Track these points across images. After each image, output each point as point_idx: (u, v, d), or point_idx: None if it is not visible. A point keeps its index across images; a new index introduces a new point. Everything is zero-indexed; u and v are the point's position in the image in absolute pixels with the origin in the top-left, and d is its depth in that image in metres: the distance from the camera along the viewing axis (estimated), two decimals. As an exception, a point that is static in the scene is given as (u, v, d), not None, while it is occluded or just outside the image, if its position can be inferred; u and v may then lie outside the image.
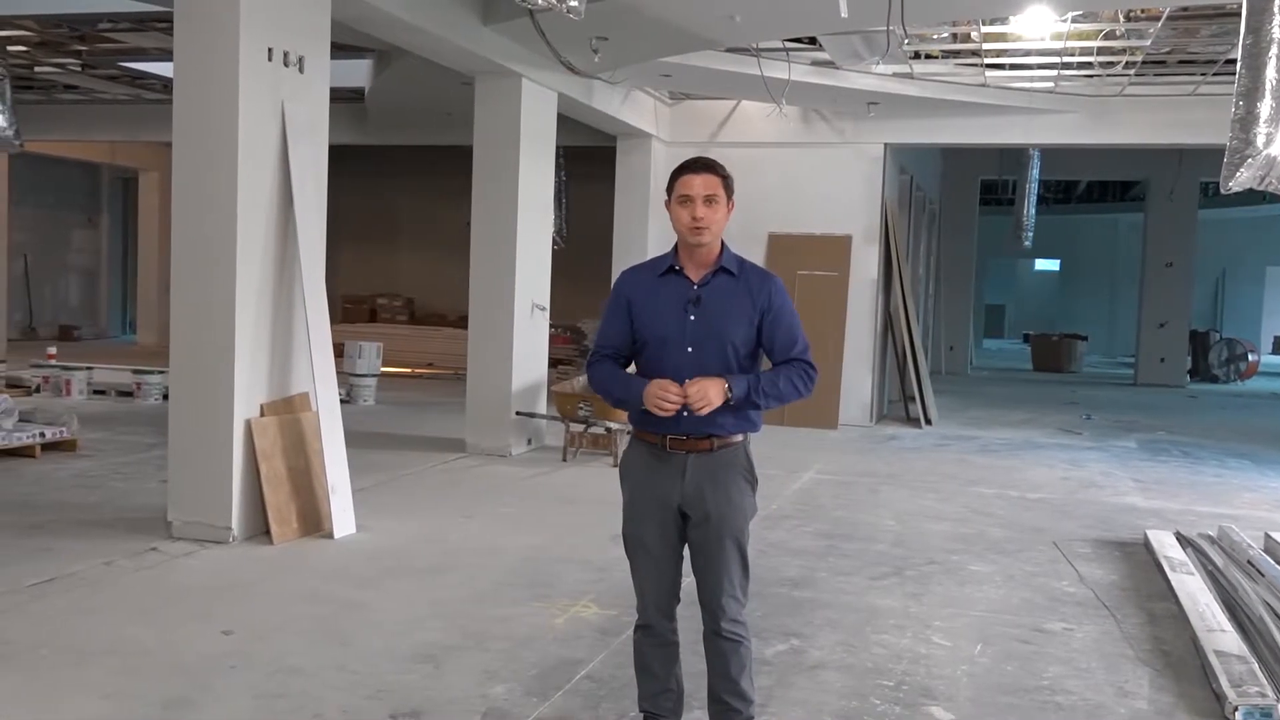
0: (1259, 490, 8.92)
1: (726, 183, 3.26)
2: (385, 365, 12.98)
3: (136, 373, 11.98)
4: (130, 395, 11.71)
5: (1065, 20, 8.80)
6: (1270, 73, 5.20)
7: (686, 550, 3.35)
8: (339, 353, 9.48)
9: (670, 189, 3.26)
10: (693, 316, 3.23)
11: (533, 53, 8.74)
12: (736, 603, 3.27)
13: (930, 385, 12.83)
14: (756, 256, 11.85)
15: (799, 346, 3.28)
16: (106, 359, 13.96)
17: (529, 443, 9.50)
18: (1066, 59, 10.12)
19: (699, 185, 3.20)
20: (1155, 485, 8.96)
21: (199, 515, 5.95)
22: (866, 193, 12.09)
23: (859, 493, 8.21)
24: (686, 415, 3.13)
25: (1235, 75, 5.49)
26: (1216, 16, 8.55)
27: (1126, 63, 10.30)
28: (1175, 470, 9.78)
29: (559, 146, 10.35)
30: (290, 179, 6.16)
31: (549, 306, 9.83)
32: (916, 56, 10.46)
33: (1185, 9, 8.32)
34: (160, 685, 3.93)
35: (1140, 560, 6.35)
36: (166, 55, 9.30)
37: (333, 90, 6.68)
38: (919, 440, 11.24)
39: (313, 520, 6.22)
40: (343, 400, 7.24)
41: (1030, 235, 18.63)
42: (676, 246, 3.32)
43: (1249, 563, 5.68)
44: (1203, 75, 10.54)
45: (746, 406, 3.21)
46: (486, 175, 9.17)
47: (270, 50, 5.96)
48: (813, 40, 9.57)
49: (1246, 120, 5.32)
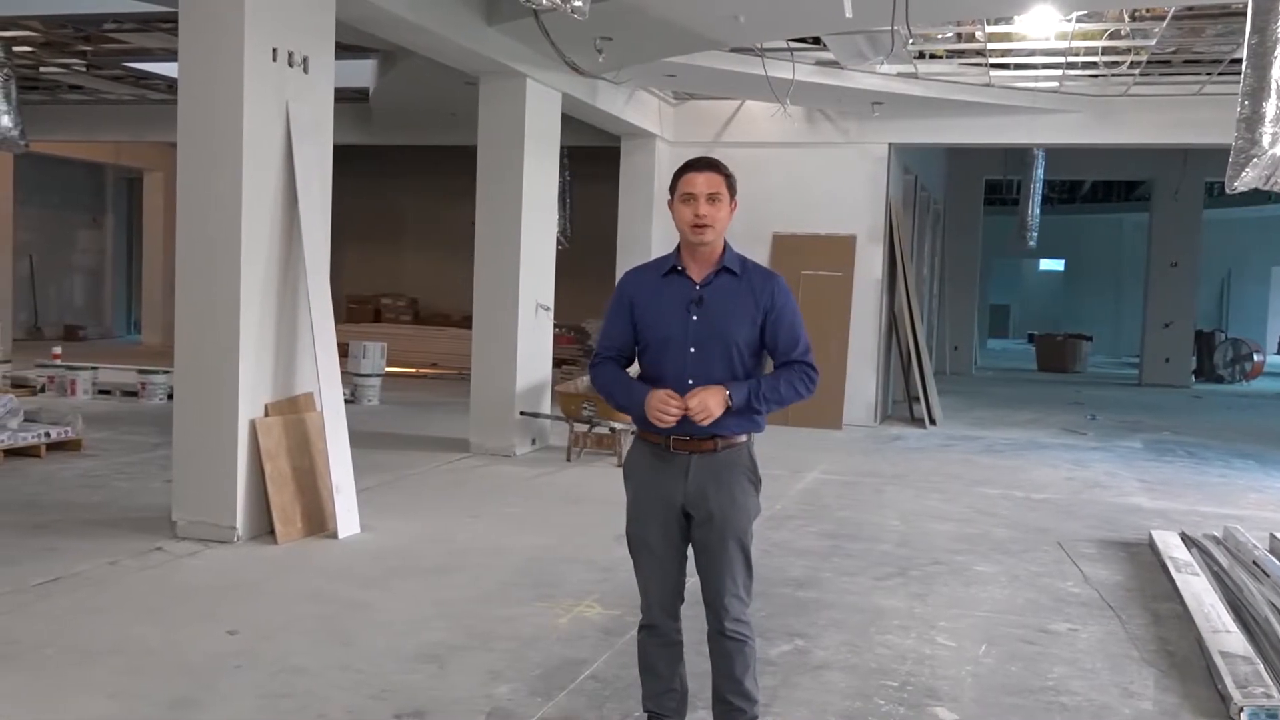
0: (1264, 490, 8.91)
1: (729, 182, 3.25)
2: (389, 365, 12.99)
3: (141, 372, 12.00)
4: (135, 395, 11.74)
5: (1070, 20, 8.79)
6: (1275, 72, 5.20)
7: (690, 550, 3.35)
8: (343, 353, 9.52)
9: (673, 188, 3.26)
10: (695, 317, 3.22)
11: (537, 53, 8.75)
12: (740, 602, 3.27)
13: (935, 385, 12.82)
14: (761, 256, 11.83)
15: (800, 348, 3.27)
16: (111, 359, 13.98)
17: (533, 443, 9.51)
18: (1071, 59, 10.11)
19: (702, 184, 3.20)
20: (1160, 486, 8.95)
21: (204, 515, 5.96)
22: (871, 193, 12.08)
23: (863, 493, 8.21)
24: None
25: (1240, 75, 5.48)
26: (1222, 16, 8.53)
27: (1131, 62, 10.29)
28: (1180, 471, 9.76)
29: (563, 146, 10.34)
30: (295, 179, 6.16)
31: (553, 306, 9.84)
32: (921, 56, 10.46)
33: (1190, 8, 8.31)
34: (165, 685, 3.94)
35: (1145, 561, 6.34)
36: (171, 55, 9.32)
37: (337, 90, 6.69)
38: (923, 440, 11.23)
39: (317, 520, 6.23)
40: (347, 400, 7.25)
41: (1035, 235, 18.59)
42: (679, 247, 3.31)
43: (1254, 563, 5.67)
44: (1208, 75, 10.52)
45: (747, 413, 3.22)
46: (491, 175, 9.17)
47: (275, 50, 5.96)
48: (817, 40, 9.57)
49: (1252, 120, 5.32)
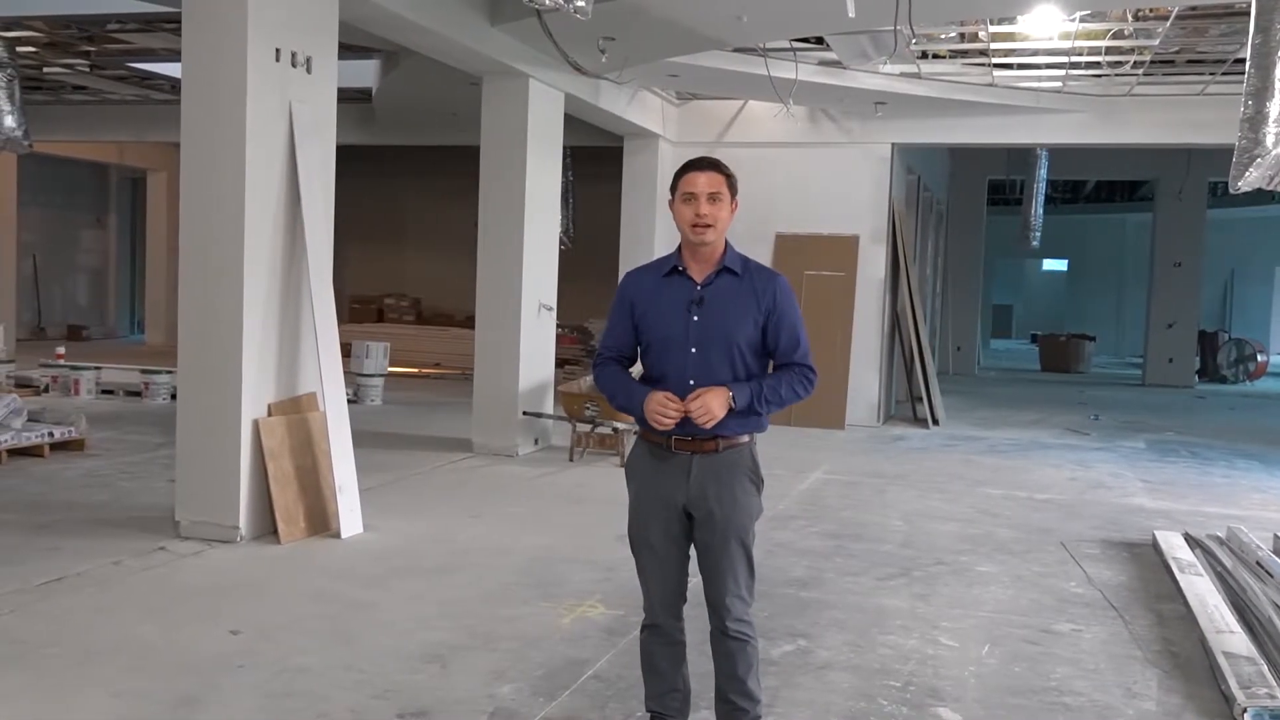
0: (1268, 491, 8.89)
1: (730, 181, 3.25)
2: (392, 365, 12.99)
3: (144, 372, 12.02)
4: (138, 395, 11.75)
5: (1073, 20, 8.77)
6: (1279, 72, 5.19)
7: (693, 550, 3.35)
8: (346, 352, 9.48)
9: (674, 188, 3.26)
10: (696, 317, 3.22)
11: (540, 53, 8.75)
12: (742, 602, 3.27)
13: (937, 385, 12.82)
14: (763, 256, 11.83)
15: (800, 350, 3.27)
16: (115, 359, 14.00)
17: (536, 443, 9.51)
18: (1075, 58, 10.09)
19: (703, 183, 3.20)
20: (1163, 486, 8.94)
21: (207, 515, 5.97)
22: (874, 193, 12.08)
23: (866, 493, 8.20)
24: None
25: (1244, 74, 5.47)
26: (1225, 15, 8.52)
27: (1135, 62, 10.27)
28: (1184, 471, 9.75)
29: (566, 146, 10.35)
30: (298, 179, 6.17)
31: (556, 306, 9.84)
32: (924, 56, 10.45)
33: (1194, 8, 8.29)
34: (168, 684, 3.94)
35: (1148, 561, 6.34)
36: (174, 56, 9.35)
37: (340, 90, 6.70)
38: (926, 441, 11.22)
39: (320, 520, 6.23)
40: (350, 400, 7.27)
41: (1038, 235, 18.55)
42: (680, 247, 3.31)
43: (1258, 564, 5.66)
44: (1211, 75, 10.50)
45: (749, 414, 3.21)
46: (494, 175, 9.17)
47: (278, 51, 5.97)
48: (820, 40, 9.56)
49: (1255, 120, 5.31)
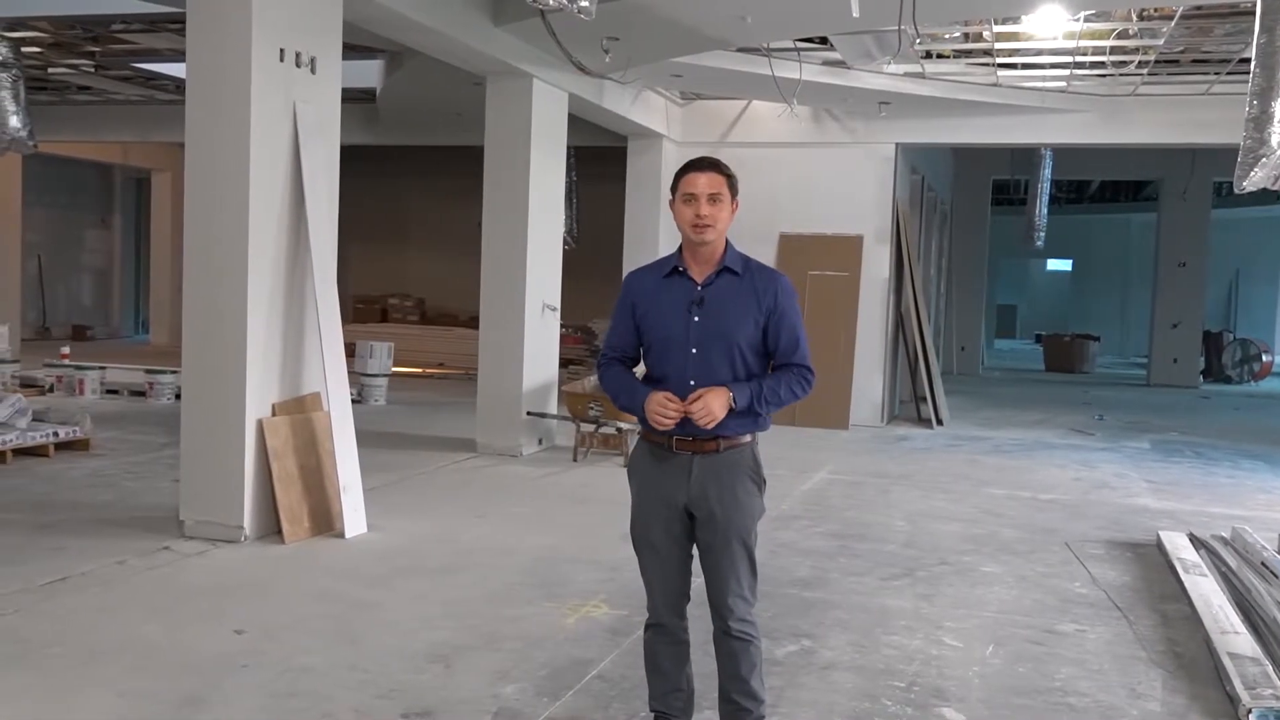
0: (1273, 491, 8.87)
1: (731, 182, 3.25)
2: (396, 365, 13.01)
3: (149, 372, 12.04)
4: (143, 395, 11.76)
5: (1078, 19, 8.76)
6: (1284, 72, 5.18)
7: (696, 550, 3.35)
8: (350, 352, 9.51)
9: (674, 188, 3.26)
10: (696, 318, 3.22)
11: (544, 53, 8.75)
12: (745, 602, 3.27)
13: (941, 386, 12.81)
14: (767, 256, 11.83)
15: (799, 351, 3.27)
16: (119, 359, 14.03)
17: (540, 443, 9.51)
18: (1079, 58, 10.08)
19: (703, 184, 3.20)
20: (1168, 486, 8.92)
21: (211, 514, 5.98)
22: (878, 193, 12.07)
23: (870, 493, 8.20)
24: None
25: (1249, 74, 5.47)
26: (1230, 15, 8.51)
27: (1139, 62, 10.26)
28: (1188, 471, 9.74)
29: (570, 146, 10.35)
30: (302, 179, 6.17)
31: (560, 306, 9.84)
32: (928, 56, 10.44)
33: (1199, 8, 8.28)
34: (172, 684, 3.94)
35: (1153, 562, 6.33)
36: (179, 56, 9.35)
37: (344, 91, 6.71)
38: (930, 441, 11.21)
39: (324, 520, 6.24)
40: (354, 400, 7.27)
41: (1042, 235, 18.55)
42: (681, 247, 3.31)
43: (1263, 564, 5.65)
44: (1216, 74, 10.48)
45: (749, 414, 3.21)
46: (497, 176, 9.18)
47: (282, 51, 5.98)
48: (824, 40, 9.56)
49: (1260, 119, 5.31)
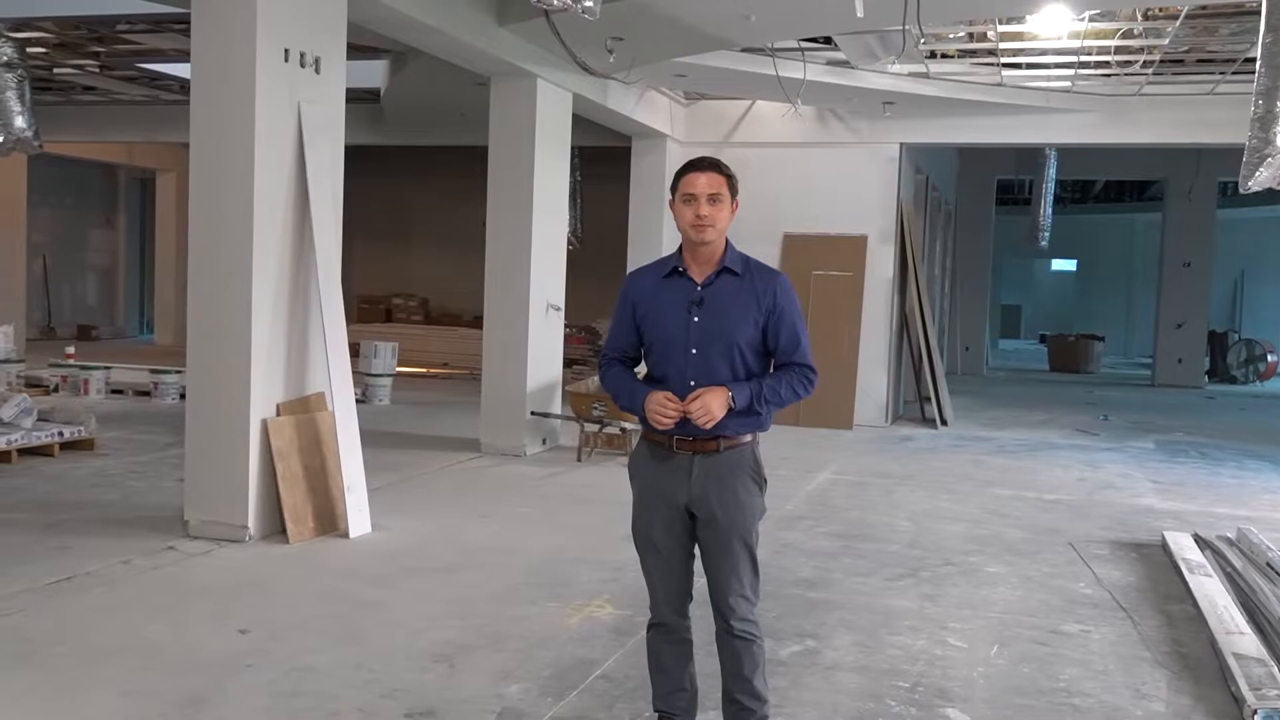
0: (1278, 492, 8.85)
1: (731, 182, 3.25)
2: (400, 365, 13.01)
3: (154, 372, 12.06)
4: (147, 394, 11.78)
5: (1083, 19, 8.75)
6: (1290, 71, 5.18)
7: (698, 549, 3.35)
8: (355, 352, 9.53)
9: (674, 188, 3.26)
10: (696, 318, 3.22)
11: (548, 53, 8.75)
12: (747, 602, 3.27)
13: (946, 386, 12.78)
14: (771, 256, 11.83)
15: (800, 350, 3.27)
16: (124, 358, 14.05)
17: (544, 443, 9.51)
18: (1084, 58, 10.06)
19: (703, 184, 3.20)
20: (1173, 487, 8.91)
21: (216, 514, 5.98)
22: (882, 193, 12.06)
23: (874, 494, 8.19)
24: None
25: (1255, 74, 5.46)
26: (1236, 15, 8.48)
27: (1144, 61, 10.24)
28: (1193, 472, 9.72)
29: (574, 147, 10.35)
30: (306, 179, 6.18)
31: (564, 306, 9.84)
32: (932, 56, 10.42)
33: (1204, 7, 8.26)
34: (177, 683, 3.95)
35: (1158, 562, 6.32)
36: (184, 56, 9.36)
37: (348, 91, 6.71)
38: (935, 441, 11.20)
39: (328, 519, 6.24)
40: (358, 400, 7.27)
41: (1047, 235, 18.53)
42: (681, 247, 3.31)
43: (1268, 565, 5.64)
44: (1221, 74, 10.46)
45: (749, 413, 3.21)
46: (502, 176, 9.18)
47: (287, 51, 5.98)
48: (828, 40, 9.55)
49: (1266, 119, 5.30)
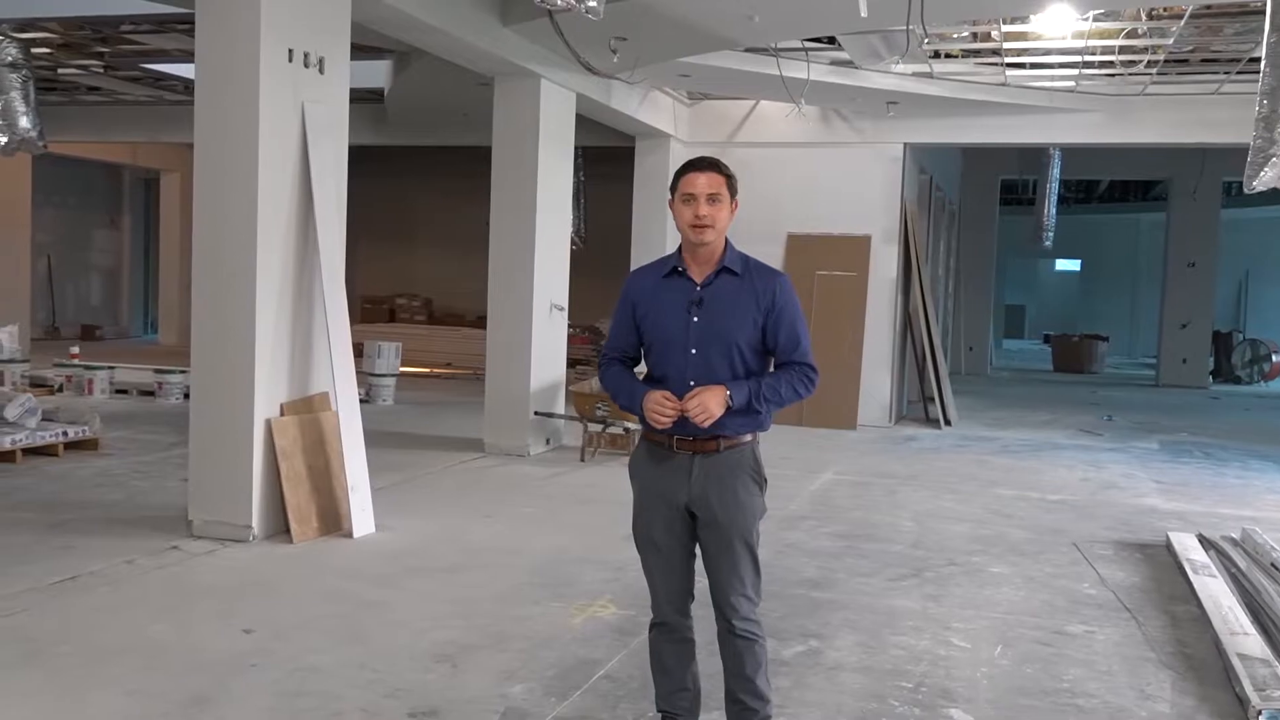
0: (1283, 492, 8.85)
1: (730, 182, 3.25)
2: (404, 365, 13.02)
3: (158, 372, 12.07)
4: (152, 394, 11.80)
5: (1086, 19, 8.74)
6: (1295, 71, 5.17)
7: (699, 549, 3.35)
8: (358, 352, 9.53)
9: (673, 188, 3.26)
10: (695, 318, 3.22)
11: (551, 53, 8.76)
12: (749, 602, 3.27)
13: (949, 386, 12.77)
14: (775, 256, 11.83)
15: (800, 349, 3.26)
16: (128, 358, 14.07)
17: (547, 443, 9.52)
18: (1088, 58, 10.05)
19: (702, 183, 3.20)
20: (1177, 487, 8.89)
21: (219, 514, 5.99)
22: (886, 193, 12.05)
23: (877, 494, 8.19)
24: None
25: (1259, 73, 5.45)
26: (1240, 14, 8.48)
27: (1148, 61, 10.23)
28: (1197, 472, 9.70)
29: (577, 147, 10.35)
30: (310, 179, 6.18)
31: (567, 306, 9.85)
32: (936, 56, 10.42)
33: (1208, 7, 8.25)
34: (181, 683, 3.96)
35: (1162, 562, 6.31)
36: (188, 57, 9.36)
37: (352, 91, 6.72)
38: (938, 441, 11.19)
39: (332, 519, 6.25)
40: (362, 400, 7.26)
41: (1051, 235, 18.49)
42: (680, 247, 3.32)
43: (1272, 565, 5.63)
44: (1226, 74, 10.44)
45: (748, 413, 3.21)
46: (505, 176, 9.19)
47: (291, 51, 5.99)
48: (832, 40, 9.54)
49: (1271, 119, 5.29)
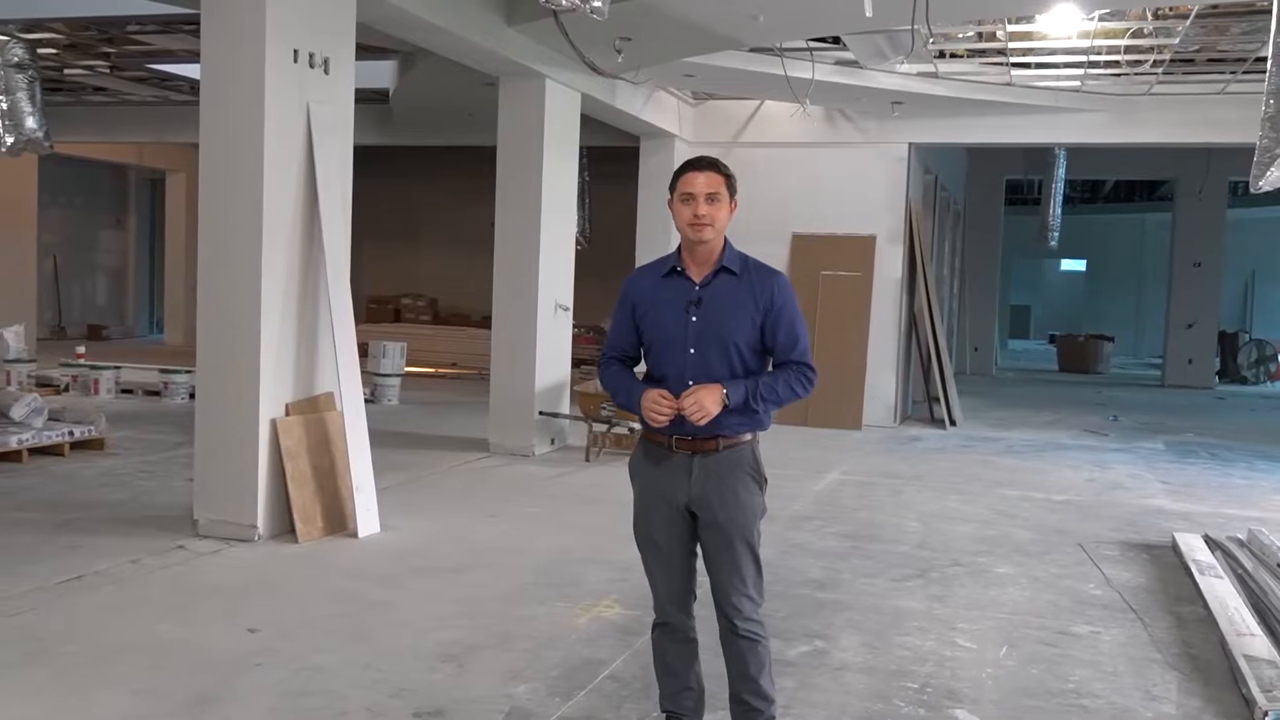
0: (1289, 493, 8.83)
1: (729, 181, 3.26)
2: (409, 365, 13.03)
3: (163, 372, 12.10)
4: (157, 394, 11.82)
5: (1092, 19, 8.72)
6: (1301, 71, 5.16)
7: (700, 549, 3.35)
8: (363, 352, 9.52)
9: (673, 187, 3.27)
10: (694, 318, 3.22)
11: (556, 53, 8.76)
12: (751, 602, 3.27)
13: (954, 386, 12.77)
14: (779, 257, 11.82)
15: (799, 348, 3.26)
16: (134, 358, 14.11)
17: (552, 442, 9.52)
18: (1093, 58, 10.04)
19: (701, 183, 3.20)
20: (1183, 487, 8.88)
21: (225, 514, 6.00)
22: (890, 193, 12.04)
23: (882, 494, 8.18)
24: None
25: (1265, 73, 5.44)
26: (1246, 14, 8.46)
27: (1154, 61, 10.21)
28: (1203, 472, 9.68)
29: (582, 147, 10.35)
30: (315, 180, 6.19)
31: (572, 306, 9.85)
32: (941, 55, 10.41)
33: (1214, 6, 8.24)
34: (186, 682, 3.96)
35: (1168, 563, 6.30)
36: (193, 57, 9.42)
37: (357, 91, 6.72)
38: (943, 441, 11.18)
39: (337, 519, 6.25)
40: (367, 400, 7.28)
41: (1056, 235, 18.47)
42: (680, 247, 3.32)
43: (1278, 566, 5.62)
44: (1232, 73, 10.42)
45: (746, 412, 3.21)
46: (510, 176, 9.19)
47: (296, 52, 5.99)
48: (836, 40, 9.54)
49: (1276, 119, 5.28)
